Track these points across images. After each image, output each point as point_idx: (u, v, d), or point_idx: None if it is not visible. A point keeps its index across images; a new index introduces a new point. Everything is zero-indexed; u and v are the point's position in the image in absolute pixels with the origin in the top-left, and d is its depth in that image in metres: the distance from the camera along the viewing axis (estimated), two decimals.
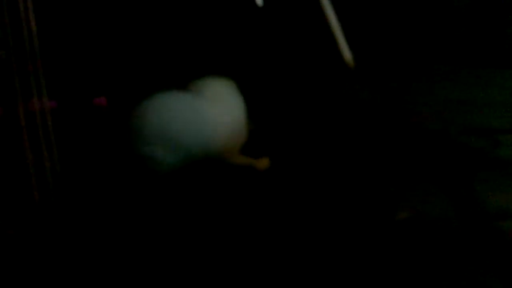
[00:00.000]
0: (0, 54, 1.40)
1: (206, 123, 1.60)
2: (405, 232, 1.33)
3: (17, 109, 1.39)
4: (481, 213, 1.40)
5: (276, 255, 1.26)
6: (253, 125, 1.75)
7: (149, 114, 1.59)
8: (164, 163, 1.54)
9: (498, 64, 2.44)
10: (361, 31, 2.59)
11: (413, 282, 1.17)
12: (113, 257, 1.26)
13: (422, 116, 1.97)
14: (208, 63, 2.21)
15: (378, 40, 2.63)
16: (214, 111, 1.63)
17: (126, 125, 1.61)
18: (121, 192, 1.52)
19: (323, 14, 2.34)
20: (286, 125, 1.94)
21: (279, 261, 1.24)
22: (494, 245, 1.27)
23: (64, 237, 1.34)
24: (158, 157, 1.53)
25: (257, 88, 2.16)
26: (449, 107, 2.05)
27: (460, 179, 1.55)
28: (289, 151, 1.76)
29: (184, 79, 1.76)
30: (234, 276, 1.21)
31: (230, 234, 1.35)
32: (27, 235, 1.34)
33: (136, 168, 1.56)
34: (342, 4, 2.43)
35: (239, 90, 1.73)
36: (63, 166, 1.49)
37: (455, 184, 1.53)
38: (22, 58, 1.39)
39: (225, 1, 2.54)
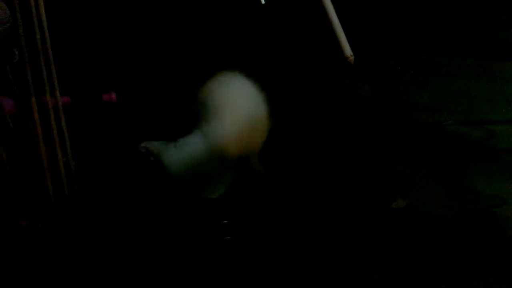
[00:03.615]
0: (14, 53, 1.42)
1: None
2: (402, 220, 1.36)
3: (31, 105, 1.42)
4: (476, 201, 1.43)
5: (272, 244, 1.29)
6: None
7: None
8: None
9: (492, 56, 2.46)
10: (361, 27, 2.61)
11: (410, 269, 1.20)
12: (122, 252, 1.29)
13: (418, 108, 2.01)
14: (211, 59, 2.23)
15: (377, 36, 2.66)
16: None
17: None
18: (133, 187, 1.54)
19: (324, 11, 2.36)
20: (287, 119, 1.96)
21: (275, 250, 1.27)
22: (489, 231, 1.31)
23: (77, 230, 1.37)
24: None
25: (259, 83, 2.19)
26: (445, 99, 2.09)
27: (456, 169, 1.59)
28: (290, 144, 1.79)
29: (190, 75, 1.78)
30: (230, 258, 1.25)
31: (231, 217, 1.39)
32: (40, 228, 1.37)
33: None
34: (343, 1, 2.45)
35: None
36: (76, 161, 1.53)
37: (451, 174, 1.56)
38: (34, 55, 1.41)
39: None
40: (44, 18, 1.42)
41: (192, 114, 1.51)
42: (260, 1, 2.53)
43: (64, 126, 1.48)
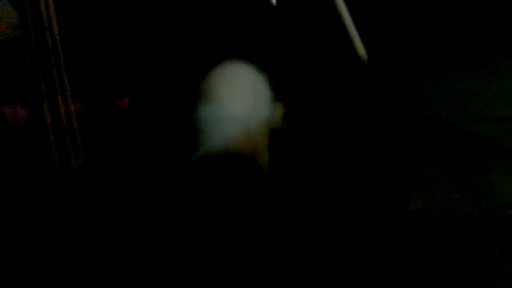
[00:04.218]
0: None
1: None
2: (416, 220, 1.35)
3: (43, 110, 1.42)
4: (493, 201, 1.42)
5: (282, 243, 1.29)
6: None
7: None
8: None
9: (508, 53, 2.44)
10: (374, 25, 2.60)
11: (428, 270, 1.20)
12: (130, 254, 1.30)
13: (433, 106, 1.99)
14: (223, 61, 2.23)
15: (390, 34, 2.65)
16: None
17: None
18: (143, 191, 1.54)
19: (336, 10, 2.35)
20: (300, 118, 1.96)
21: (285, 249, 1.27)
22: (507, 231, 1.30)
23: (88, 235, 1.37)
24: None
25: (273, 82, 2.19)
26: (461, 97, 2.06)
27: (472, 168, 1.57)
28: (303, 142, 1.78)
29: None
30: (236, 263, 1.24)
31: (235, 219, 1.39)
32: (53, 233, 1.38)
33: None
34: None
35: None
36: (89, 166, 1.53)
37: (468, 174, 1.55)
38: (46, 61, 1.42)
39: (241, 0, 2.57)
40: (55, 23, 1.43)
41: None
42: (271, 3, 2.53)
43: (76, 131, 1.48)
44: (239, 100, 1.54)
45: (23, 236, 1.37)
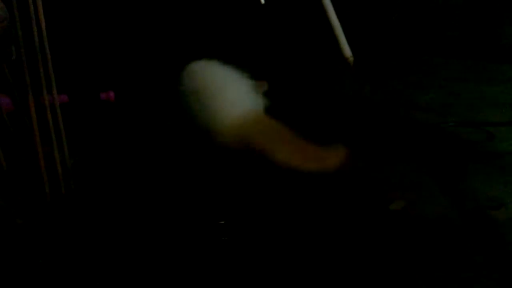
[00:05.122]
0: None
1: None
2: (399, 222, 1.36)
3: (28, 103, 1.42)
4: (475, 202, 1.43)
5: (269, 245, 1.29)
6: None
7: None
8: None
9: (493, 58, 2.46)
10: (361, 28, 2.62)
11: (408, 272, 1.20)
12: (118, 252, 1.28)
13: (419, 109, 2.00)
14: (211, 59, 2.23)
15: (377, 37, 2.66)
16: None
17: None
18: (131, 186, 1.54)
19: (323, 11, 2.36)
20: (287, 120, 1.96)
21: (272, 251, 1.27)
22: (488, 233, 1.31)
23: (73, 230, 1.37)
24: None
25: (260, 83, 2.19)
26: (445, 101, 2.09)
27: (455, 170, 1.58)
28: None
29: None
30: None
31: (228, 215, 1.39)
32: (36, 226, 1.37)
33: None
34: (342, 1, 2.45)
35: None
36: (73, 159, 1.53)
37: (450, 175, 1.56)
38: (32, 53, 1.41)
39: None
40: (42, 15, 1.42)
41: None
42: (260, 1, 2.53)
43: (61, 124, 1.48)
44: (224, 94, 1.56)
45: (5, 229, 1.36)
